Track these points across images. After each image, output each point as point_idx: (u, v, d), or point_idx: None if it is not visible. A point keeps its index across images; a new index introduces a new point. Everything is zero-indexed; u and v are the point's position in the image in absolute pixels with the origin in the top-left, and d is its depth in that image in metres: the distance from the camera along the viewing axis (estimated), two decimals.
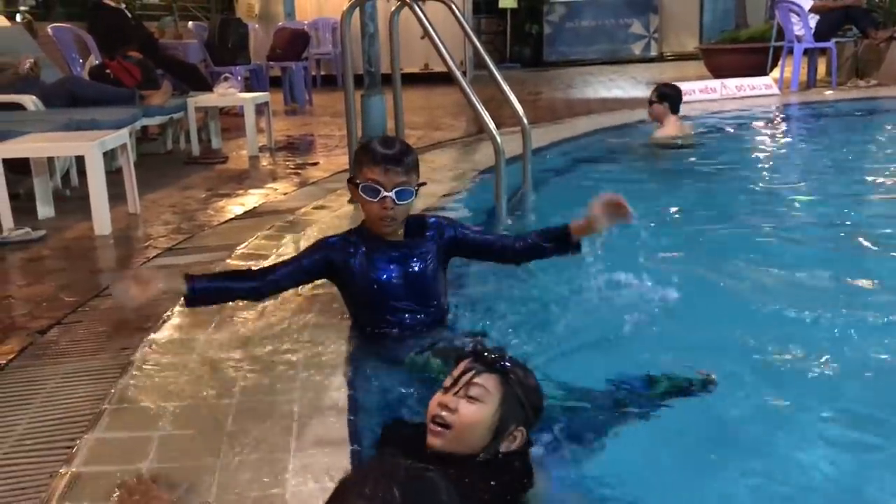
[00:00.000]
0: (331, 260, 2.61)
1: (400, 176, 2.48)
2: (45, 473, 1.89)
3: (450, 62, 4.50)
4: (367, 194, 2.51)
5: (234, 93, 6.95)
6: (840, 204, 4.74)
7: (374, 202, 2.50)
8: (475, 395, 1.74)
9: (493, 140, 4.33)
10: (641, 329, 2.81)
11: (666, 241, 4.11)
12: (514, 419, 1.76)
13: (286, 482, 1.81)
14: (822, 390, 2.44)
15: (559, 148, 6.49)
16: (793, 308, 3.00)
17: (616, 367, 2.43)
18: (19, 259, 3.79)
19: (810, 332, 2.81)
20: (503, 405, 1.74)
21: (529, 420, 1.81)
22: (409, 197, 2.53)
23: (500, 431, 1.75)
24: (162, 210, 4.72)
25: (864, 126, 7.92)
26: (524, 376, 1.83)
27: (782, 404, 2.36)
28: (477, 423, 1.73)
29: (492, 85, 5.32)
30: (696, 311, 3.00)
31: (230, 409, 2.17)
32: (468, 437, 1.73)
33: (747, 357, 2.61)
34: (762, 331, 2.79)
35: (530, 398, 1.81)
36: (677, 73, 12.09)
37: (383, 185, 2.47)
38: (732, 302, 3.15)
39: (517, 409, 1.76)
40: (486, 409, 1.73)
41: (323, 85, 11.94)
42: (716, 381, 2.31)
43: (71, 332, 2.82)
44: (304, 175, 5.72)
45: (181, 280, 2.45)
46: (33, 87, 5.74)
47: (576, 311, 2.98)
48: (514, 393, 1.76)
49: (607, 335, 2.79)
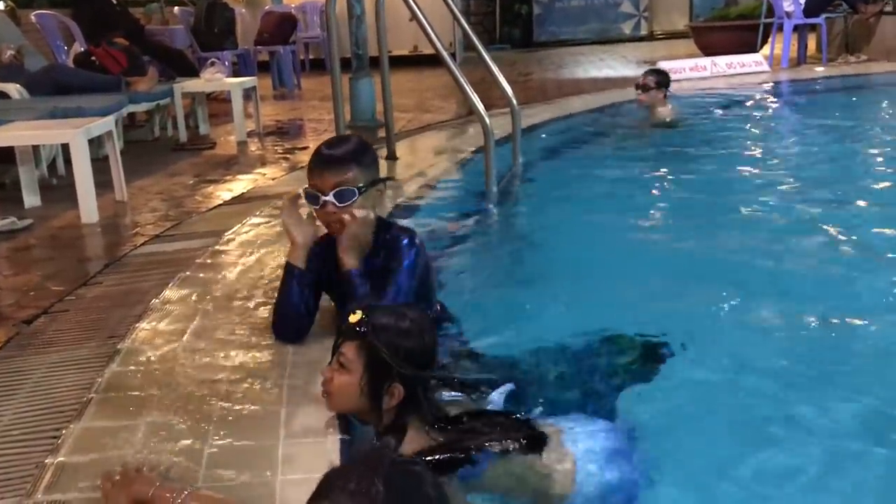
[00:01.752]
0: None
1: (337, 175, 2.29)
2: (32, 463, 1.88)
3: (438, 44, 4.47)
4: (309, 201, 2.36)
5: (221, 78, 6.89)
6: (831, 179, 4.74)
7: (316, 209, 2.36)
8: (342, 363, 1.86)
9: (482, 121, 4.31)
10: (628, 304, 2.81)
11: (658, 218, 4.12)
12: (384, 378, 1.82)
13: (275, 471, 1.80)
14: (811, 361, 2.46)
15: (549, 128, 6.47)
16: (786, 284, 3.01)
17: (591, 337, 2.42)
18: (5, 248, 3.76)
19: (803, 306, 2.81)
20: (368, 369, 1.83)
21: (409, 371, 1.81)
22: (352, 197, 2.29)
23: (375, 391, 1.82)
24: (149, 197, 4.69)
25: (854, 102, 7.91)
26: (394, 332, 1.82)
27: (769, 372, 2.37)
28: (346, 388, 1.86)
29: (481, 66, 5.29)
30: (689, 287, 3.00)
31: (217, 398, 2.15)
32: (346, 402, 1.89)
33: (735, 329, 2.62)
34: (750, 304, 2.80)
35: (402, 351, 1.81)
36: (667, 51, 12.05)
37: (320, 189, 2.32)
38: (724, 277, 3.14)
39: (385, 369, 1.82)
40: (351, 376, 1.85)
41: (311, 69, 11.86)
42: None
43: (58, 322, 2.80)
44: (293, 160, 5.68)
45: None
46: (17, 76, 5.68)
47: (565, 293, 2.97)
48: (378, 355, 1.82)
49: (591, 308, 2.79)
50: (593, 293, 3.02)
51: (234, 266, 3.23)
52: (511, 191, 4.62)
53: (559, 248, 3.66)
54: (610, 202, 4.41)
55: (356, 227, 2.33)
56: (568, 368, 2.35)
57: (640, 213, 4.19)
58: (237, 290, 2.95)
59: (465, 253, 3.51)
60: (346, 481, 1.13)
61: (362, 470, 1.14)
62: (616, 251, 3.54)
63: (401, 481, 1.14)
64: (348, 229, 2.32)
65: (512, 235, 4.01)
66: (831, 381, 2.35)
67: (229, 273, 3.15)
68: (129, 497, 1.66)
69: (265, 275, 3.08)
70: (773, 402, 2.24)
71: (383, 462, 1.16)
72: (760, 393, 2.28)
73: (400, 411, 1.83)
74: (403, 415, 1.83)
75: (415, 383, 1.83)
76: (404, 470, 1.17)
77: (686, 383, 2.32)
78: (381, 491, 1.10)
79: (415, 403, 1.83)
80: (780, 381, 2.35)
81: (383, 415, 1.84)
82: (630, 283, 3.14)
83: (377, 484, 1.11)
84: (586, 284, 3.11)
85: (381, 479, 1.12)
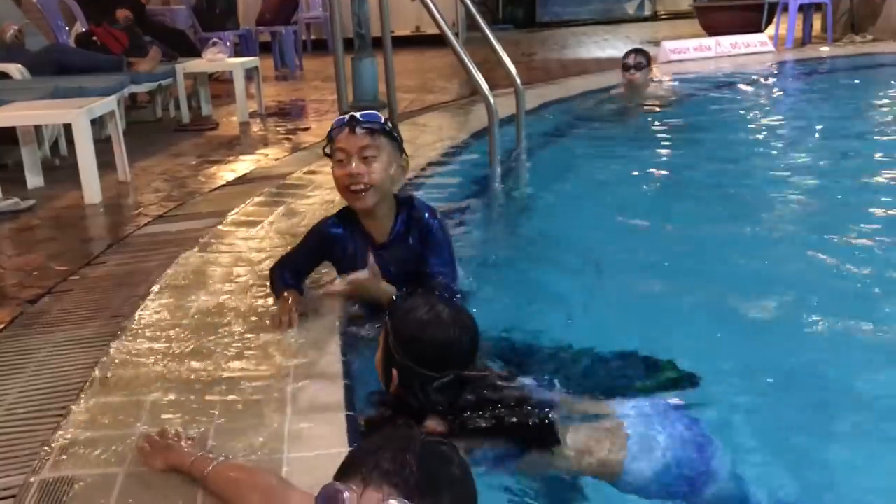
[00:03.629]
0: (323, 254, 2.60)
1: (366, 139, 2.35)
2: (38, 441, 1.88)
3: (442, 23, 4.45)
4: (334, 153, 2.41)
5: (222, 58, 6.85)
6: (836, 160, 4.71)
7: (341, 164, 2.38)
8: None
9: (486, 101, 4.29)
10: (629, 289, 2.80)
11: (659, 196, 4.10)
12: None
13: (282, 447, 1.80)
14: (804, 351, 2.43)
15: (554, 108, 6.43)
16: (789, 270, 2.99)
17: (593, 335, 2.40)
18: (9, 229, 3.75)
19: (804, 291, 2.80)
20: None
21: (400, 359, 1.81)
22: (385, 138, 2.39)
23: (386, 369, 1.84)
24: (152, 178, 4.68)
25: (860, 82, 7.85)
26: (406, 318, 1.83)
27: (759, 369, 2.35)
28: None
29: (484, 47, 5.26)
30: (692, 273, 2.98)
31: (223, 376, 2.15)
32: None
33: (735, 318, 2.60)
34: (751, 291, 2.78)
35: (404, 338, 1.81)
36: (671, 31, 11.97)
37: (348, 152, 2.36)
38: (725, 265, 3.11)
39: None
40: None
41: (314, 49, 11.80)
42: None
43: (62, 301, 2.80)
44: (295, 140, 5.66)
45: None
46: (18, 56, 5.65)
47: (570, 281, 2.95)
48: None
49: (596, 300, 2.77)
50: (596, 272, 3.01)
51: (237, 246, 3.23)
52: (514, 170, 4.60)
53: (562, 227, 3.65)
54: (613, 181, 4.40)
55: (371, 281, 2.35)
56: (579, 349, 2.33)
57: (641, 190, 4.18)
58: (240, 269, 2.94)
59: (468, 233, 3.49)
60: (378, 460, 1.11)
61: (395, 449, 1.13)
62: (618, 229, 3.54)
63: (431, 461, 1.13)
64: (376, 179, 2.37)
65: (515, 215, 4.00)
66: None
67: (232, 253, 3.14)
68: (165, 462, 1.71)
69: (268, 254, 3.07)
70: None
71: (414, 442, 1.15)
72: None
73: (403, 395, 1.82)
74: (406, 399, 1.81)
75: (409, 375, 1.79)
76: (435, 450, 1.16)
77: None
78: (413, 471, 1.09)
79: (412, 394, 1.80)
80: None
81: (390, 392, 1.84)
82: (632, 260, 3.14)
83: (410, 463, 1.10)
84: (589, 263, 3.11)
85: (414, 459, 1.11)
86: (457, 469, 1.17)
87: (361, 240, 2.51)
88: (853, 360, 2.36)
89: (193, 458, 1.68)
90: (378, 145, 2.37)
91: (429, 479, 1.10)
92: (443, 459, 1.16)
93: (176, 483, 1.68)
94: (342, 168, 2.38)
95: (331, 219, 2.60)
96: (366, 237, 2.51)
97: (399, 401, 1.83)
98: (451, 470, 1.16)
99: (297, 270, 2.65)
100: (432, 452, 1.16)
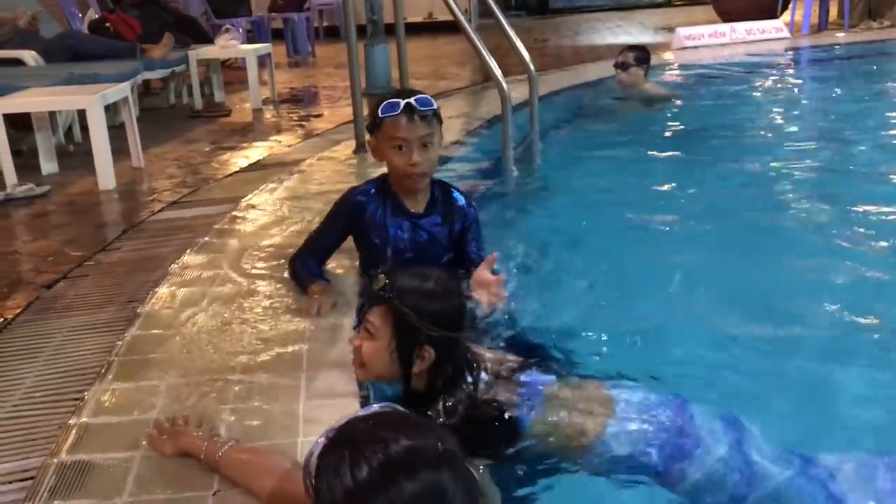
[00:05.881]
0: (352, 225, 2.58)
1: (423, 128, 2.38)
2: (55, 425, 1.90)
3: (455, 9, 4.43)
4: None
5: (235, 45, 6.85)
6: (853, 150, 4.66)
7: (401, 153, 2.40)
8: (370, 330, 1.81)
9: (500, 87, 4.28)
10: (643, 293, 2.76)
11: (669, 187, 4.07)
12: (413, 342, 1.78)
13: (297, 433, 1.81)
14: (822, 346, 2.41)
15: (567, 94, 6.39)
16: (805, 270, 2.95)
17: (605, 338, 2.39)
18: (24, 215, 3.77)
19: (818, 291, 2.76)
20: (397, 334, 1.79)
21: (438, 333, 1.78)
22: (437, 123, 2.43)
23: (405, 356, 1.79)
24: (166, 164, 4.69)
25: (877, 69, 7.77)
26: (420, 294, 1.79)
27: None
28: (376, 355, 1.82)
29: (497, 34, 5.23)
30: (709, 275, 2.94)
31: (237, 361, 2.16)
32: (378, 369, 1.84)
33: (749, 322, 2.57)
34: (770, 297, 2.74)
35: (429, 314, 1.78)
36: (686, 17, 11.88)
37: (408, 141, 2.38)
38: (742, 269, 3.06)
39: (413, 333, 1.78)
40: (380, 343, 1.80)
41: (326, 36, 11.79)
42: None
43: (77, 287, 2.81)
44: (308, 127, 5.66)
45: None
46: (33, 42, 5.67)
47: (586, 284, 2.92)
48: (405, 319, 1.78)
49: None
50: (607, 259, 3.00)
51: (251, 232, 3.24)
52: (527, 157, 4.59)
53: (574, 213, 3.64)
54: (626, 168, 4.38)
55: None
56: (586, 335, 2.33)
57: (654, 178, 4.15)
58: (255, 255, 2.95)
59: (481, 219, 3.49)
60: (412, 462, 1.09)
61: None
62: (630, 216, 3.52)
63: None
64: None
65: (528, 201, 3.99)
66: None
67: (246, 239, 3.15)
68: (175, 447, 1.73)
69: (282, 240, 3.07)
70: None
71: (437, 451, 1.11)
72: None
73: (432, 375, 1.80)
74: (435, 378, 1.80)
75: (445, 345, 1.79)
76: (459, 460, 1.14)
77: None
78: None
79: (446, 366, 1.80)
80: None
81: (413, 379, 1.81)
82: (643, 247, 3.12)
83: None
84: (601, 251, 3.09)
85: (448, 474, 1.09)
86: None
87: (393, 209, 2.52)
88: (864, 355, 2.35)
89: (206, 443, 1.69)
90: (433, 131, 2.41)
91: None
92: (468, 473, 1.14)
93: (191, 467, 1.69)
94: (402, 155, 2.39)
95: (359, 187, 2.61)
96: (399, 207, 2.53)
97: (409, 396, 1.82)
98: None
99: (321, 255, 2.65)
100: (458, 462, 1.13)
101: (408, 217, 2.52)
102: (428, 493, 1.06)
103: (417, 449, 1.09)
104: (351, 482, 1.07)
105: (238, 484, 1.61)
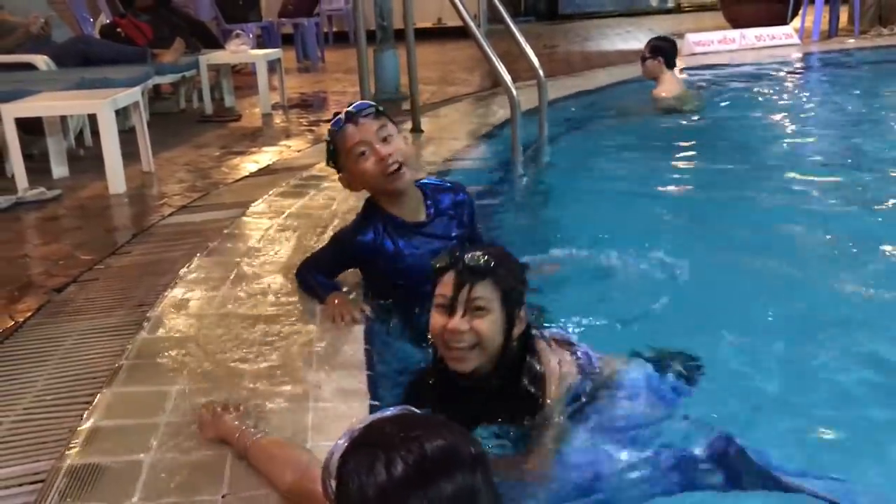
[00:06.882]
0: (354, 264, 2.57)
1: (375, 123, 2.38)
2: (65, 428, 1.90)
3: (465, 14, 4.44)
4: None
5: (245, 50, 6.87)
6: (863, 158, 4.64)
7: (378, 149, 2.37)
8: (482, 305, 1.77)
9: (509, 92, 4.28)
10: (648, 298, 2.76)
11: (679, 191, 4.07)
12: (515, 305, 1.82)
13: (306, 437, 1.81)
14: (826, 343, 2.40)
15: (576, 100, 6.39)
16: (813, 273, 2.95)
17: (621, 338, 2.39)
18: (35, 218, 3.79)
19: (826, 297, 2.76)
20: (505, 302, 1.79)
21: (524, 293, 1.86)
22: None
23: (510, 324, 1.82)
24: (176, 168, 4.71)
25: (888, 76, 7.74)
26: (505, 260, 1.84)
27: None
28: (493, 328, 1.79)
29: (506, 39, 5.24)
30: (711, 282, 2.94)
31: (246, 366, 2.16)
32: (496, 343, 1.80)
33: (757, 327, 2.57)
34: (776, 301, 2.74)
35: (518, 276, 1.85)
36: (695, 24, 11.87)
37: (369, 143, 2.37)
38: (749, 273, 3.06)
39: (514, 296, 1.81)
40: (494, 315, 1.79)
41: (335, 42, 11.80)
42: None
43: (87, 290, 2.82)
44: (317, 132, 5.67)
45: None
46: (44, 47, 5.70)
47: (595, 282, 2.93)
48: (508, 284, 1.80)
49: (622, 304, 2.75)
50: (615, 265, 2.99)
51: (260, 236, 3.24)
52: (537, 163, 4.59)
53: (583, 219, 3.64)
54: (636, 174, 4.37)
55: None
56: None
57: (663, 184, 4.15)
58: (264, 260, 2.96)
59: (489, 224, 3.49)
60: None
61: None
62: (639, 223, 3.51)
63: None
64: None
65: (537, 207, 3.99)
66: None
67: (256, 243, 3.15)
68: (217, 432, 1.80)
69: (291, 245, 3.08)
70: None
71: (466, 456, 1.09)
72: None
73: (521, 337, 1.85)
74: (522, 339, 1.85)
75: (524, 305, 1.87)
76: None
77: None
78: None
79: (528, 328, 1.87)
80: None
81: (507, 348, 1.82)
82: (652, 253, 3.11)
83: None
84: (609, 257, 3.09)
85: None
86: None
87: (397, 230, 2.46)
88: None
89: (239, 433, 1.75)
90: (385, 124, 2.40)
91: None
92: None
93: (200, 471, 1.70)
94: (368, 158, 2.37)
95: (354, 227, 2.53)
96: (402, 225, 2.47)
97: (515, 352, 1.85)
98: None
99: (327, 274, 2.62)
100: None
101: (415, 231, 2.47)
102: (462, 494, 1.05)
103: (453, 449, 1.08)
104: (386, 480, 1.04)
105: (262, 474, 1.66)
